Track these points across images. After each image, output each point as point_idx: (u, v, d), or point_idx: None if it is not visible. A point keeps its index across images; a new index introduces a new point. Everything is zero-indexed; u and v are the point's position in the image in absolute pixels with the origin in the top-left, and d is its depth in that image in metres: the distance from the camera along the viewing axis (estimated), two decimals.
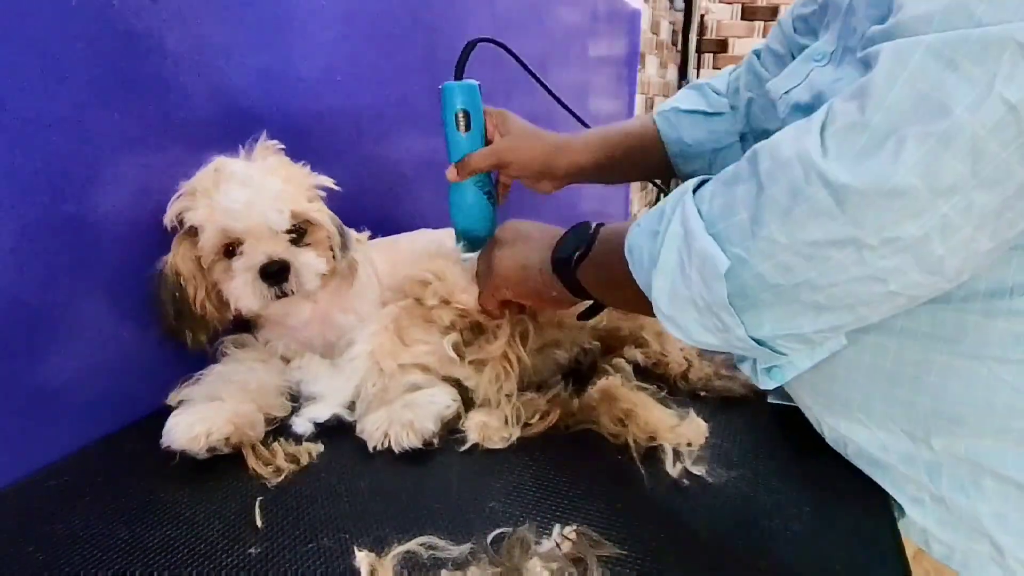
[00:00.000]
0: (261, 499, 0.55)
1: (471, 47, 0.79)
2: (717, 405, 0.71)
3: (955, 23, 0.38)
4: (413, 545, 0.48)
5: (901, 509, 0.56)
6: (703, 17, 3.25)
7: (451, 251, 0.80)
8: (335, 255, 0.72)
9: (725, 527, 0.52)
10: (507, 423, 0.65)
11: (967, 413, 0.51)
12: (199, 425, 0.59)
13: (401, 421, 0.62)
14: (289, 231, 0.68)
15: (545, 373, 0.75)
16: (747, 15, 3.33)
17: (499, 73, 0.90)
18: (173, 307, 0.68)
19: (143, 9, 0.66)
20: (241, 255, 0.66)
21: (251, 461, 0.59)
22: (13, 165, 0.56)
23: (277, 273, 0.66)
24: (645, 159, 0.90)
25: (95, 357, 0.66)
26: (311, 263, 0.68)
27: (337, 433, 0.66)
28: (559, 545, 0.48)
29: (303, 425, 0.66)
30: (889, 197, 0.39)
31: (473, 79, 0.79)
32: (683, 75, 3.20)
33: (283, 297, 0.67)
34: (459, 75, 0.80)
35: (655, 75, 2.90)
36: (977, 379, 0.50)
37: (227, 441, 0.60)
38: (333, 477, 0.59)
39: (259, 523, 0.52)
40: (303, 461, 0.61)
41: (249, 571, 0.47)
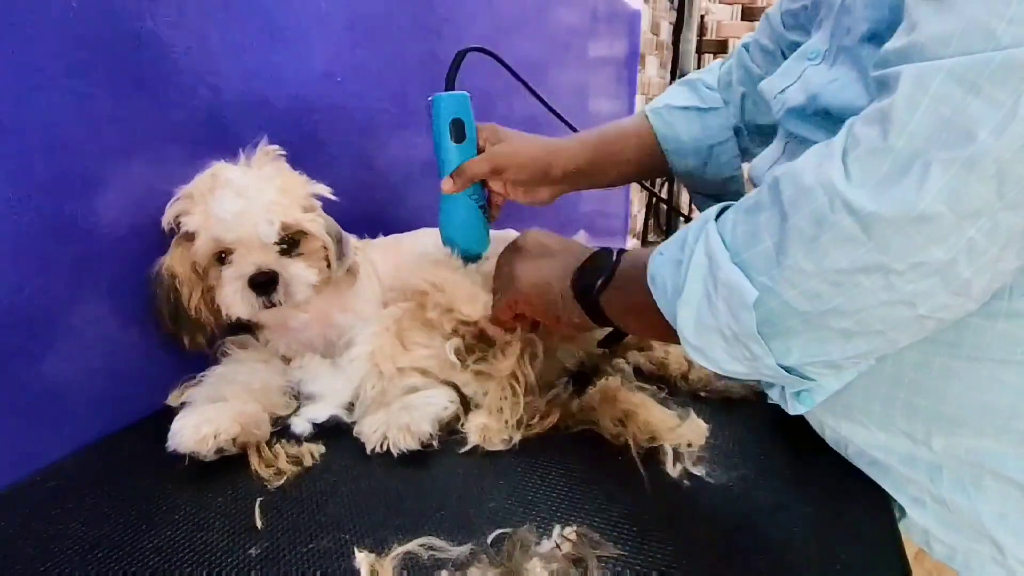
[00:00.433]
0: (261, 500, 0.55)
1: (461, 57, 0.78)
2: (717, 406, 0.71)
3: (975, 45, 0.37)
4: (413, 546, 0.48)
5: (902, 510, 0.56)
6: (703, 18, 3.25)
7: (452, 258, 0.78)
8: (330, 264, 0.72)
9: (725, 527, 0.52)
10: (507, 425, 0.65)
11: (968, 414, 0.51)
12: (206, 426, 0.59)
13: (398, 424, 0.62)
14: (281, 241, 0.67)
15: (550, 377, 0.74)
16: (747, 16, 3.33)
17: (489, 80, 0.89)
18: (168, 309, 0.68)
19: (144, 10, 0.66)
20: (231, 264, 0.66)
21: (254, 462, 0.59)
22: (14, 166, 0.56)
23: (265, 284, 0.66)
24: (640, 156, 0.89)
25: (95, 358, 0.66)
26: (301, 274, 0.68)
27: (337, 434, 0.66)
28: (559, 546, 0.48)
29: (301, 425, 0.66)
30: (915, 223, 0.39)
31: (463, 90, 0.78)
32: (673, 76, 3.19)
33: (272, 307, 0.67)
34: (450, 85, 0.78)
35: (655, 76, 2.90)
36: (978, 381, 0.51)
37: (234, 441, 0.60)
38: (333, 478, 0.59)
39: (259, 524, 0.52)
40: (306, 462, 0.61)
41: (249, 572, 0.47)
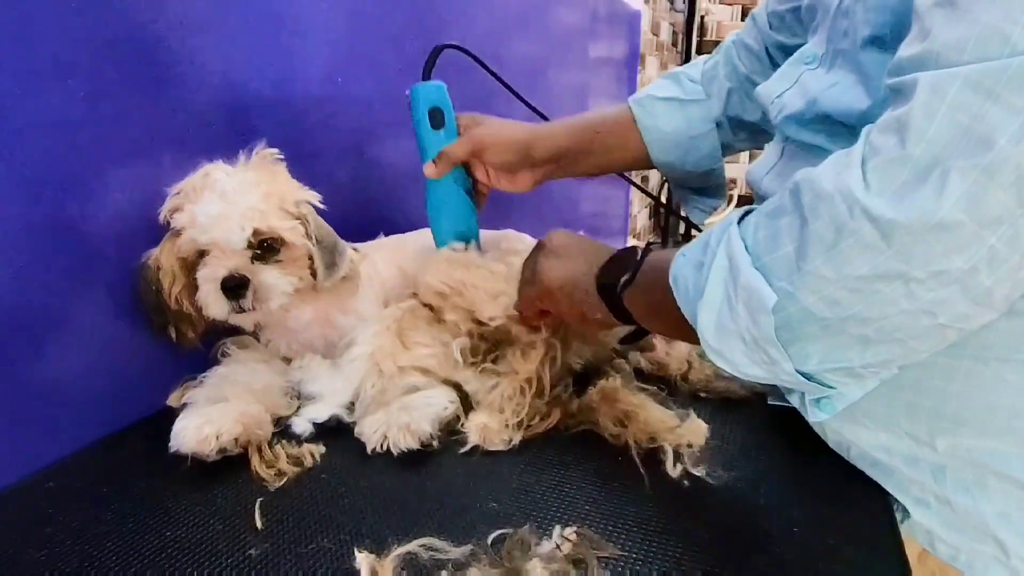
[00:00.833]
0: (261, 500, 0.55)
1: (438, 52, 0.81)
2: (717, 406, 0.71)
3: (991, 51, 0.37)
4: (413, 546, 0.48)
5: (906, 511, 0.56)
6: (703, 18, 3.25)
7: (473, 257, 0.78)
8: (314, 273, 0.71)
9: (726, 528, 0.52)
10: (508, 426, 0.65)
11: (971, 414, 0.51)
12: (208, 427, 0.59)
13: (398, 423, 0.62)
14: (258, 247, 0.67)
15: (555, 379, 0.74)
16: (747, 16, 3.34)
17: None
18: (149, 299, 0.68)
19: (145, 11, 0.66)
20: (205, 265, 0.66)
21: (255, 462, 0.59)
22: (15, 166, 0.56)
23: (235, 288, 0.66)
24: (621, 146, 0.89)
25: (95, 358, 0.66)
26: (272, 282, 0.67)
27: (337, 434, 0.66)
28: (559, 546, 0.48)
29: (302, 425, 0.66)
30: (935, 231, 0.38)
31: (440, 81, 0.80)
32: None
33: (243, 312, 0.67)
34: (427, 77, 0.80)
35: (655, 76, 2.90)
36: (980, 380, 0.51)
37: (236, 442, 0.60)
38: (333, 478, 0.59)
39: (259, 524, 0.52)
40: (307, 463, 0.61)
41: (249, 572, 0.47)
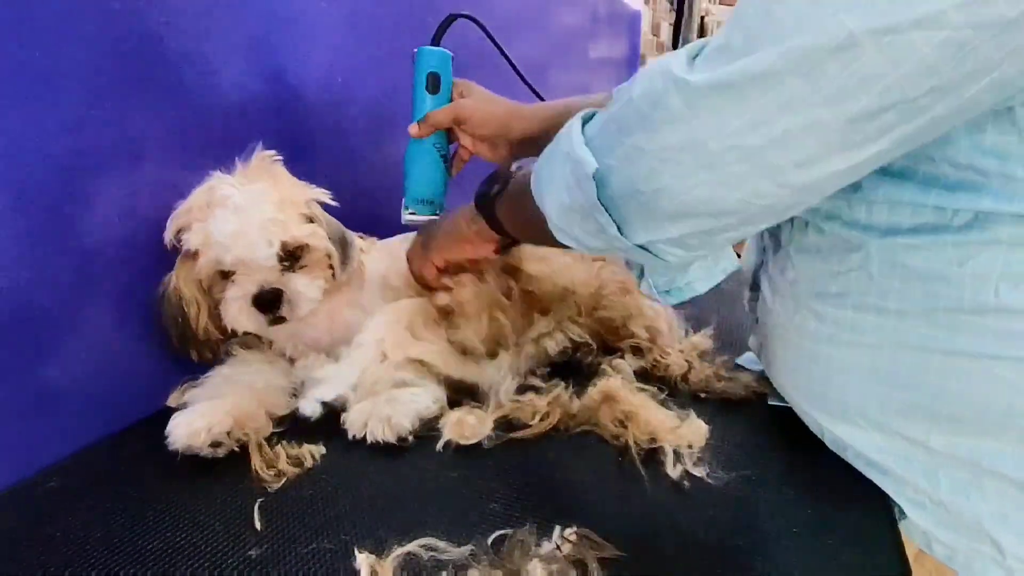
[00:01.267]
0: (261, 501, 0.55)
1: (450, 20, 0.84)
2: (717, 407, 0.71)
3: None
4: (413, 547, 0.48)
5: (902, 511, 0.56)
6: (703, 19, 3.25)
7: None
8: (334, 272, 0.72)
9: (725, 529, 0.52)
10: (483, 420, 0.65)
11: (965, 412, 0.51)
12: (199, 421, 0.59)
13: (380, 415, 0.63)
14: (284, 258, 0.67)
15: (537, 363, 0.78)
16: None
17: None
18: (176, 329, 0.68)
19: (145, 12, 0.66)
20: (233, 283, 0.66)
21: (255, 461, 0.59)
22: (17, 168, 0.56)
23: (270, 302, 0.66)
24: None
25: (96, 359, 0.66)
26: (304, 290, 0.68)
27: (337, 435, 0.66)
28: (559, 547, 0.48)
29: (310, 406, 0.66)
30: (732, 102, 0.41)
31: (447, 50, 0.83)
32: None
33: (277, 322, 0.67)
34: (436, 43, 0.83)
35: None
36: (974, 378, 0.50)
37: (229, 435, 0.60)
38: (333, 479, 0.59)
39: (259, 525, 0.52)
40: (307, 464, 0.61)
41: (249, 573, 0.47)
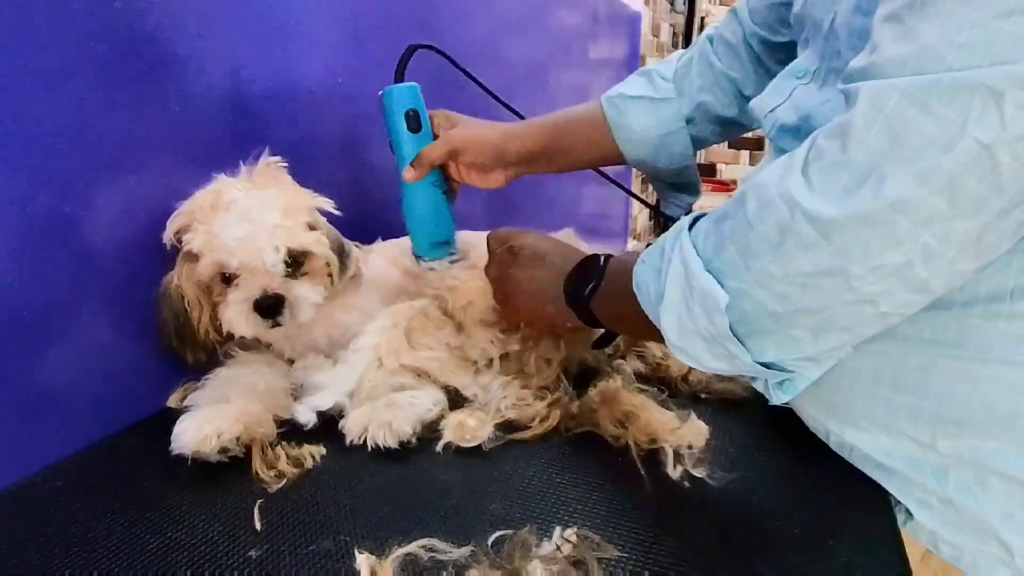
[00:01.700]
0: (261, 501, 0.55)
1: (411, 52, 0.80)
2: (718, 407, 0.71)
3: (927, 68, 0.40)
4: (413, 547, 0.48)
5: (908, 512, 0.56)
6: (703, 20, 3.26)
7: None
8: (333, 280, 0.72)
9: (726, 529, 0.52)
10: (484, 423, 0.65)
11: (972, 415, 0.51)
12: (208, 426, 0.59)
13: (380, 420, 0.63)
14: (288, 264, 0.67)
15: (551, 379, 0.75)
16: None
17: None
18: (176, 328, 0.68)
19: (145, 12, 0.66)
20: (236, 287, 0.66)
21: (256, 462, 0.59)
22: (15, 168, 0.56)
23: (272, 307, 0.66)
24: (593, 144, 0.90)
25: (95, 359, 0.66)
26: (306, 296, 0.68)
27: (337, 435, 0.66)
28: (560, 547, 0.48)
29: (306, 415, 0.66)
30: (871, 230, 0.42)
31: (413, 81, 0.80)
32: None
33: (277, 327, 0.68)
34: (400, 78, 0.80)
35: None
36: (981, 382, 0.51)
37: (238, 441, 0.60)
38: (333, 479, 0.59)
39: (259, 525, 0.52)
40: (307, 464, 0.60)
41: (249, 574, 0.47)
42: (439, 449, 0.63)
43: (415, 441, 0.63)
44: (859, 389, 0.56)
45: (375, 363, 0.69)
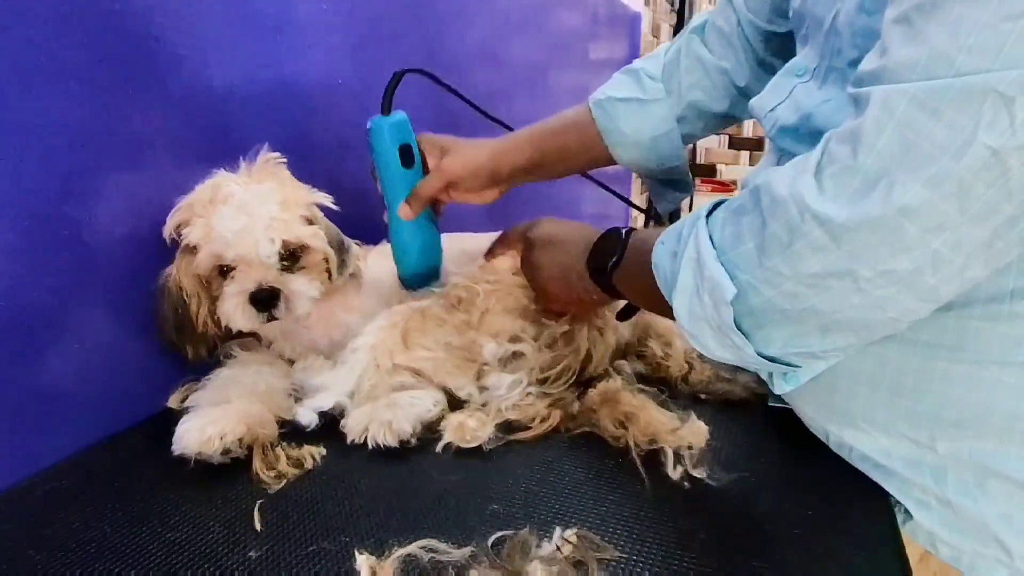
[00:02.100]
0: (261, 502, 0.55)
1: (398, 79, 0.77)
2: (718, 408, 0.71)
3: (937, 71, 0.40)
4: (414, 548, 0.48)
5: (907, 513, 0.56)
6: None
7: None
8: (331, 276, 0.72)
9: (726, 530, 0.52)
10: (484, 423, 0.65)
11: (971, 417, 0.51)
12: (211, 428, 0.59)
13: (381, 420, 0.63)
14: (282, 257, 0.67)
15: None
16: None
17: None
18: (175, 321, 0.68)
19: (144, 12, 0.66)
20: (233, 279, 0.66)
21: (257, 463, 0.59)
22: (15, 168, 0.56)
23: (267, 300, 0.66)
24: (585, 149, 0.88)
25: (96, 359, 0.66)
26: (302, 290, 0.68)
27: (337, 436, 0.66)
28: (560, 548, 0.48)
29: (307, 416, 0.66)
30: (880, 234, 0.42)
31: (401, 111, 0.78)
32: None
33: (272, 320, 0.68)
34: (387, 109, 0.76)
35: None
36: (980, 383, 0.51)
37: (241, 442, 0.60)
38: (333, 480, 0.59)
39: (259, 526, 0.52)
40: (307, 465, 0.61)
41: (249, 574, 0.47)
42: (439, 450, 0.63)
43: (415, 441, 0.63)
44: (858, 390, 0.56)
45: (373, 363, 0.69)
